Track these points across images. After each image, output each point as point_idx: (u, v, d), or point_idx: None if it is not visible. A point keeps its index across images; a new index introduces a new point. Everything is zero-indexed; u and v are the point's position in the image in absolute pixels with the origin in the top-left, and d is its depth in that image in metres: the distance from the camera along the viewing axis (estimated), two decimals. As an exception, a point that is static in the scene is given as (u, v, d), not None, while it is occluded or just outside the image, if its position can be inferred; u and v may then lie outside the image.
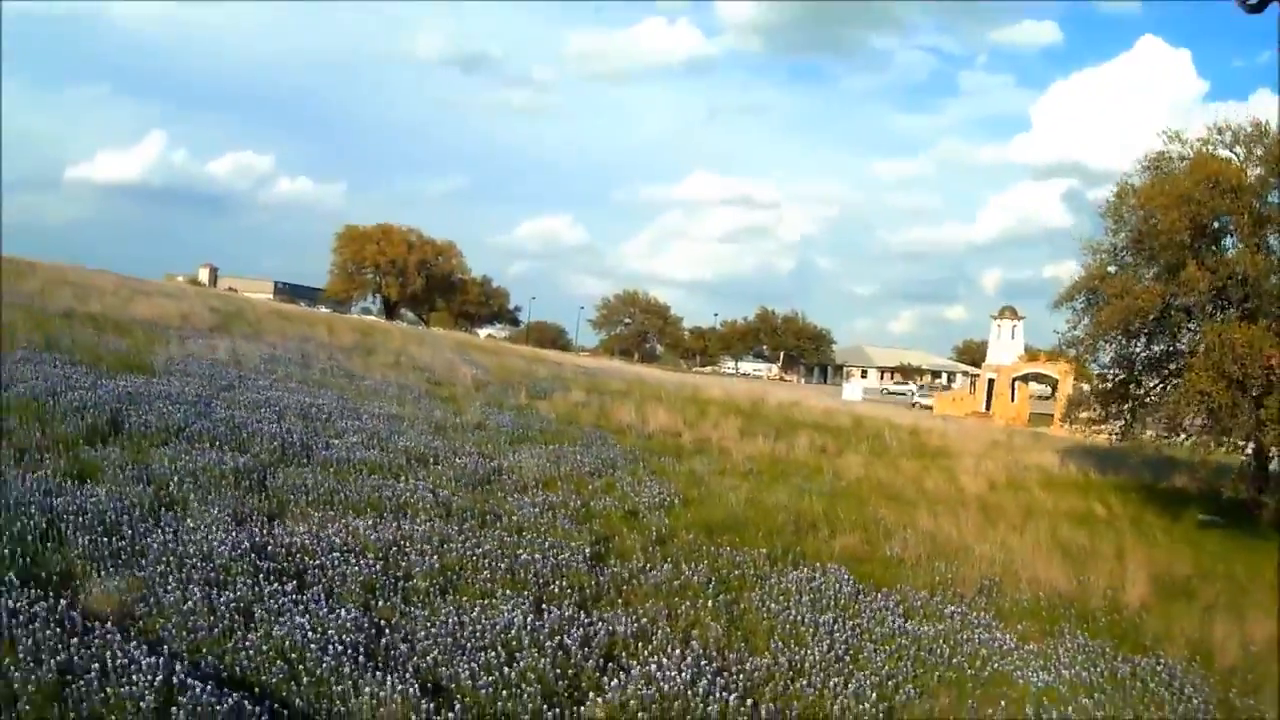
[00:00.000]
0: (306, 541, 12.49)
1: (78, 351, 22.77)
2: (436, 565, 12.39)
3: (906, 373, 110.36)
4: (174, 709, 7.62)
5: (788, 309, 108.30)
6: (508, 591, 11.87)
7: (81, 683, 7.74)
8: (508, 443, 22.00)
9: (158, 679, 7.91)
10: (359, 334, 42.96)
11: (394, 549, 12.78)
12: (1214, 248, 28.61)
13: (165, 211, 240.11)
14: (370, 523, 13.76)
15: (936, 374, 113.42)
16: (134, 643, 8.54)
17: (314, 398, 23.05)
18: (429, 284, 74.28)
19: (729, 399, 40.60)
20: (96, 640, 8.46)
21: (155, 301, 37.67)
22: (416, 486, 16.32)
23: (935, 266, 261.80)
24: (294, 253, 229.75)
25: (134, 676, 7.89)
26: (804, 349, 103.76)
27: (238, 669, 8.77)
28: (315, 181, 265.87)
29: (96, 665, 8.07)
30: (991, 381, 75.03)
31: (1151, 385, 31.45)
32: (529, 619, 10.75)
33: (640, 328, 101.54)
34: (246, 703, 7.92)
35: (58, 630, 8.47)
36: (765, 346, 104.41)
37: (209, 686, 7.91)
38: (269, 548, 12.01)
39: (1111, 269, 30.44)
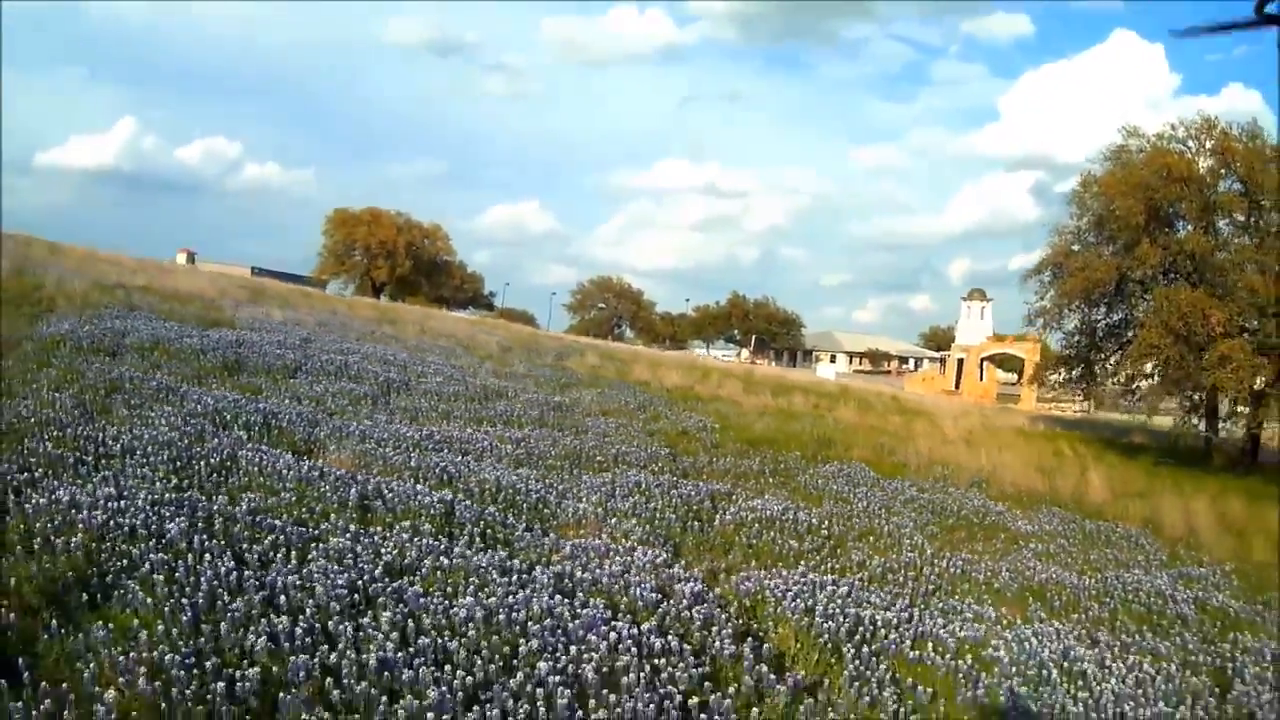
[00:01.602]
0: (458, 435, 16.53)
1: (158, 312, 26.09)
2: (561, 452, 16.48)
3: (875, 358, 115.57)
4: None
5: (759, 295, 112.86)
6: (621, 467, 16.00)
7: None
8: (558, 387, 26.10)
9: (422, 499, 11.96)
10: (375, 310, 46.68)
11: (522, 442, 16.80)
12: (1166, 230, 33.16)
13: (137, 197, 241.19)
14: (497, 429, 17.83)
15: (904, 359, 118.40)
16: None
17: (380, 349, 26.92)
18: (417, 266, 78.22)
19: (724, 367, 44.91)
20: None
21: (182, 277, 41.11)
22: (511, 408, 20.44)
23: (903, 256, 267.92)
24: (265, 238, 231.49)
25: (418, 499, 11.65)
26: (774, 333, 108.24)
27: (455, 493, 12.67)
28: (284, 167, 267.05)
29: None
30: (961, 361, 79.48)
31: (1111, 350, 36.14)
32: (652, 480, 14.86)
33: (613, 312, 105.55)
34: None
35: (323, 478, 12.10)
36: (736, 331, 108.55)
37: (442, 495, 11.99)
38: (435, 436, 16.00)
39: (1075, 248, 35.13)
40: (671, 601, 8.61)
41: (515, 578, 8.40)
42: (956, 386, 76.00)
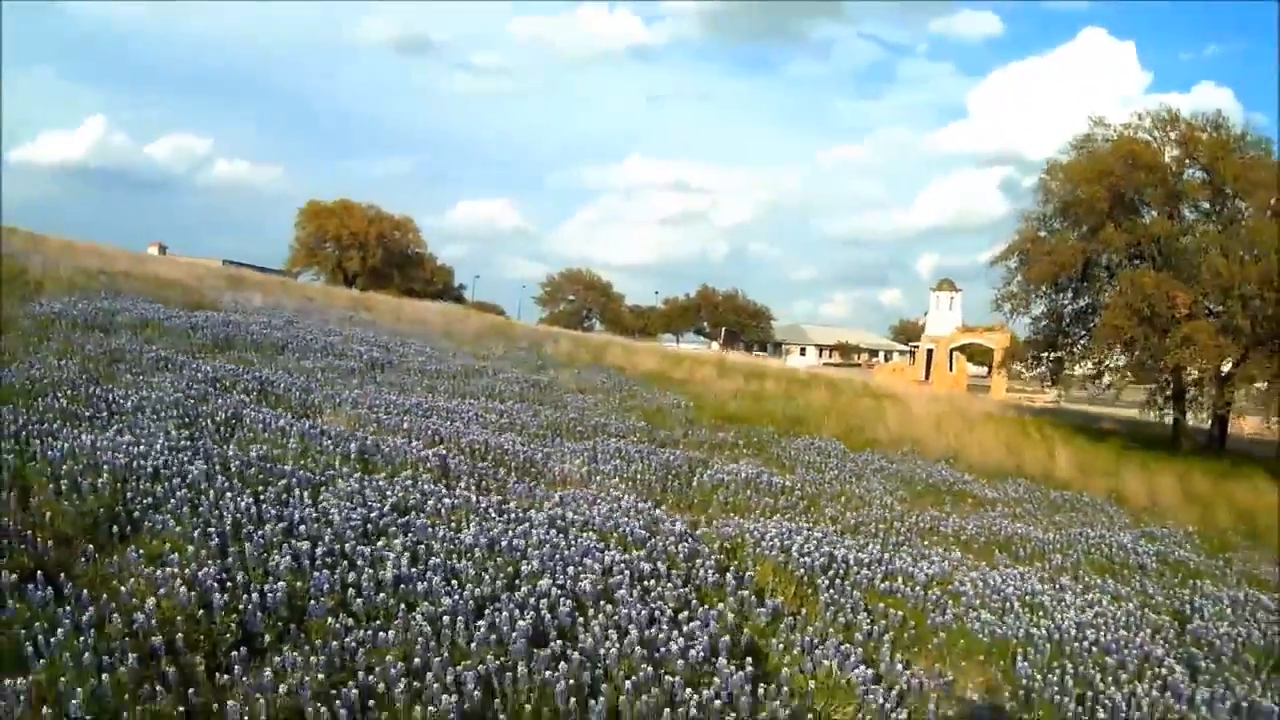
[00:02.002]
0: (444, 405, 17.09)
1: (143, 295, 26.49)
2: (542, 423, 17.08)
3: (845, 350, 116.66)
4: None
5: (728, 288, 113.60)
6: (601, 436, 16.61)
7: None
8: (535, 368, 26.67)
9: (418, 453, 12.54)
10: (350, 299, 47.02)
11: (505, 414, 17.39)
12: (1132, 216, 34.07)
13: (107, 193, 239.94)
14: (480, 402, 18.39)
15: (874, 352, 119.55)
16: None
17: (360, 332, 27.41)
18: (388, 258, 78.54)
19: (696, 355, 45.58)
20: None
21: (160, 265, 41.41)
22: (492, 384, 21.01)
23: (872, 251, 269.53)
24: (235, 233, 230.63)
25: (415, 453, 12.22)
26: (744, 326, 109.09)
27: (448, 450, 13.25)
28: (253, 164, 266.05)
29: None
30: (930, 352, 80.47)
31: (1078, 336, 36.99)
32: (632, 448, 15.48)
33: (583, 304, 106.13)
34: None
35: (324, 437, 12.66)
36: (706, 324, 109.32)
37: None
38: (423, 405, 16.54)
39: (1042, 234, 36.00)
40: (658, 538, 9.25)
41: (513, 516, 9.02)
42: (926, 377, 76.69)
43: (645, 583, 7.76)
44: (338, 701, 5.32)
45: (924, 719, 6.66)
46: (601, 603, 7.08)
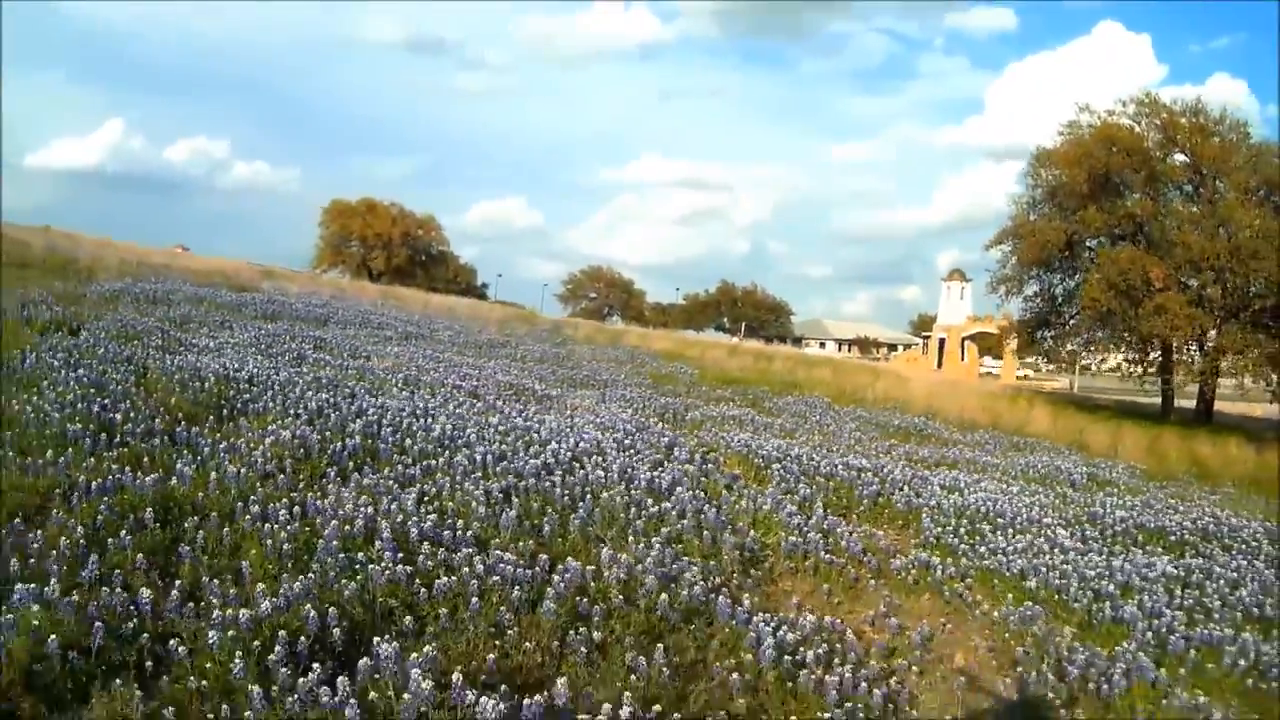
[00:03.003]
0: (472, 363, 19.55)
1: (189, 280, 28.95)
2: (559, 377, 19.53)
3: (863, 345, 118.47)
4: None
5: (748, 283, 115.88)
6: (610, 388, 19.04)
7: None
8: (555, 344, 29.16)
9: (453, 384, 14.99)
10: (379, 290, 49.59)
11: (525, 372, 19.83)
12: (1114, 197, 36.18)
13: (126, 196, 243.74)
14: (504, 363, 20.85)
15: (893, 346, 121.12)
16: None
17: (393, 313, 29.93)
18: (412, 256, 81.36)
19: (711, 340, 47.98)
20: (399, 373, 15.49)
21: (192, 260, 44.01)
22: (515, 353, 23.50)
23: (891, 248, 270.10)
24: (255, 233, 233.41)
25: (450, 384, 14.71)
26: (763, 320, 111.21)
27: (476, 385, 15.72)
28: (272, 166, 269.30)
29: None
30: (942, 341, 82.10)
31: (1070, 314, 39.17)
32: (636, 394, 17.91)
33: (604, 301, 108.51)
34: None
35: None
36: (726, 319, 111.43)
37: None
38: (454, 362, 18.99)
39: (1031, 217, 38.19)
40: (645, 433, 11.68)
41: (530, 416, 11.48)
42: (939, 366, 78.49)
43: (630, 450, 10.18)
44: (400, 501, 7.71)
45: (838, 543, 8.99)
46: (594, 456, 9.51)
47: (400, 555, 6.30)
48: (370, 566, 6.07)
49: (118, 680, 4.63)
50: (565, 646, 5.60)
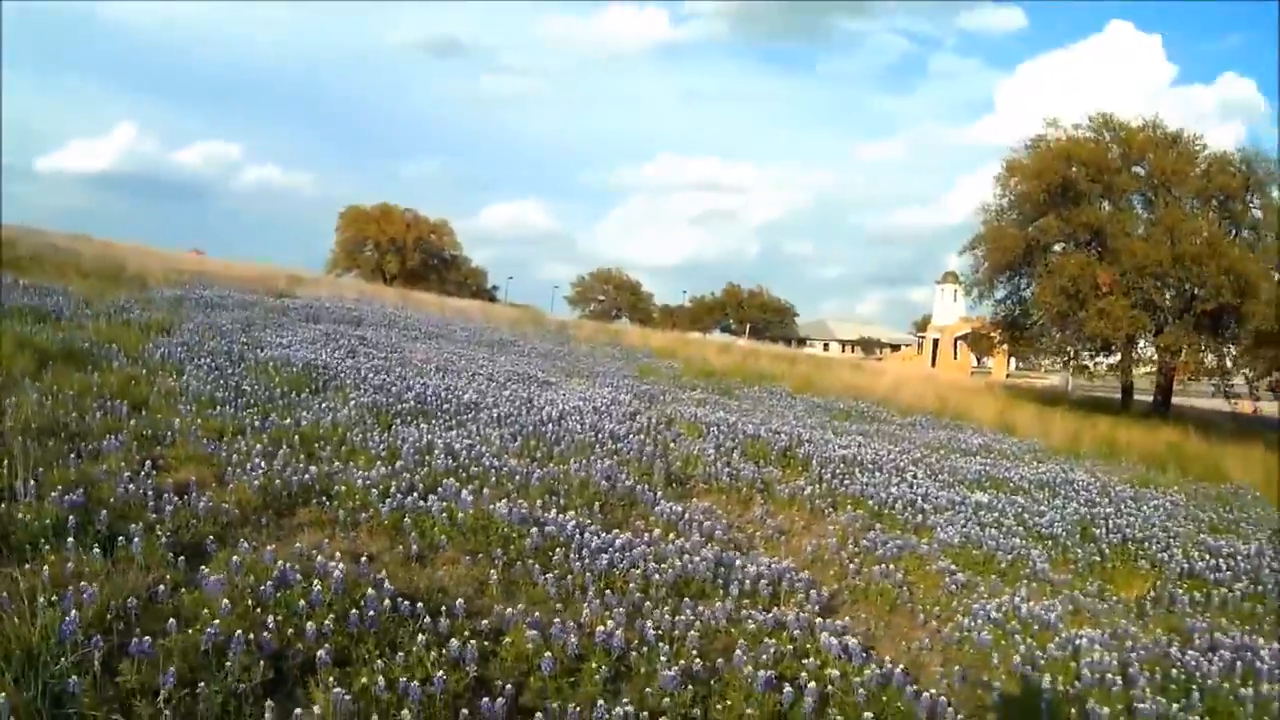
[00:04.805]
0: (484, 357, 24.00)
1: (231, 286, 33.26)
2: (559, 369, 23.97)
3: (867, 345, 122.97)
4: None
5: (754, 285, 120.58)
6: (600, 377, 23.46)
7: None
8: (559, 342, 33.64)
9: (475, 369, 19.47)
10: (397, 294, 54.10)
11: (530, 365, 24.25)
12: (1073, 206, 40.48)
13: (139, 199, 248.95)
14: (512, 358, 25.32)
15: (895, 346, 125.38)
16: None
17: (414, 315, 34.38)
18: (425, 260, 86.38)
19: (710, 339, 52.38)
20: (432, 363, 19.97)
21: (218, 266, 48.43)
22: (522, 349, 27.98)
23: (904, 248, 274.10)
24: (269, 237, 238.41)
25: (473, 368, 19.20)
26: (769, 322, 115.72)
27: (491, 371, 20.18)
28: (284, 169, 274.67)
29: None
30: (936, 341, 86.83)
31: (1036, 318, 43.55)
32: (620, 381, 22.33)
33: (613, 303, 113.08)
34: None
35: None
36: (731, 321, 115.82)
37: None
38: (471, 356, 23.45)
39: (998, 224, 42.61)
40: (616, 406, 16.17)
41: (533, 393, 15.98)
42: (933, 364, 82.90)
43: (604, 414, 14.69)
44: (445, 435, 12.13)
45: (739, 473, 13.38)
46: (574, 417, 14.03)
47: (450, 460, 10.76)
48: (431, 459, 10.56)
49: (312, 501, 9.02)
50: (543, 506, 9.95)
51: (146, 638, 5.47)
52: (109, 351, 14.30)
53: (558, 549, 8.38)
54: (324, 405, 12.95)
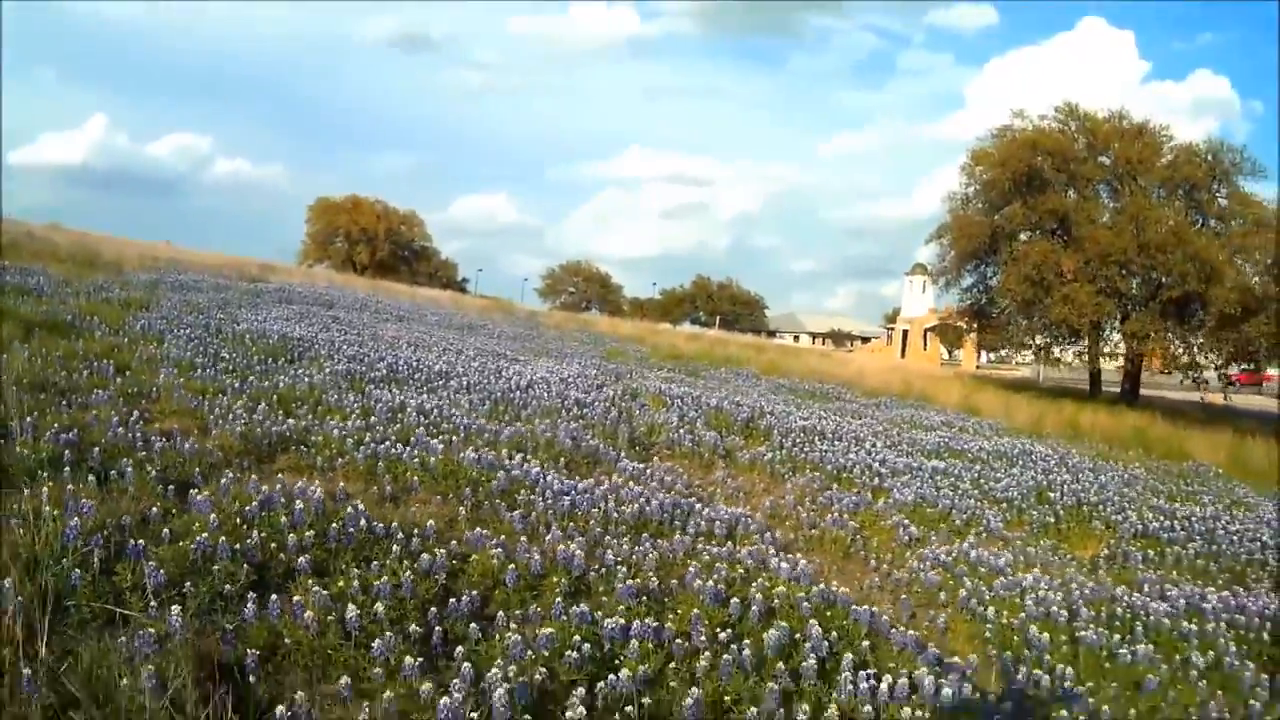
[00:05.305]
0: (455, 338, 24.44)
1: (205, 271, 33.61)
2: (527, 349, 24.42)
3: (837, 338, 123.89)
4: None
5: (724, 278, 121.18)
6: (569, 359, 23.94)
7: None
8: (529, 327, 34.09)
9: (447, 347, 19.93)
10: (367, 284, 54.42)
11: (499, 346, 24.70)
12: (1039, 195, 41.21)
13: (109, 193, 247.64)
14: (481, 340, 25.75)
15: (865, 339, 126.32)
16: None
17: (385, 301, 34.77)
18: (395, 251, 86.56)
19: (678, 330, 52.93)
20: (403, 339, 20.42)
21: (190, 255, 48.68)
22: (491, 332, 28.42)
23: (873, 243, 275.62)
24: (238, 229, 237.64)
25: (445, 346, 19.66)
26: (739, 314, 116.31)
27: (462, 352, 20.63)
28: (253, 163, 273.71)
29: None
30: (905, 333, 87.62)
31: (1003, 306, 44.28)
32: (589, 361, 22.81)
33: (582, 296, 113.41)
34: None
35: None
36: (702, 313, 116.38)
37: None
38: (449, 340, 23.88)
39: (964, 213, 43.31)
40: (584, 379, 16.66)
41: (502, 368, 16.45)
42: (902, 355, 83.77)
43: (570, 385, 15.18)
44: (415, 403, 12.59)
45: (700, 439, 13.88)
46: (541, 386, 14.51)
47: (421, 418, 11.23)
48: (404, 417, 11.04)
49: (291, 449, 9.46)
50: (509, 457, 10.40)
51: (140, 541, 5.96)
52: (91, 323, 14.72)
53: (523, 490, 8.89)
54: (300, 372, 13.37)
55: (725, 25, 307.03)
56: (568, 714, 4.98)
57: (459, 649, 5.61)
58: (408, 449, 9.45)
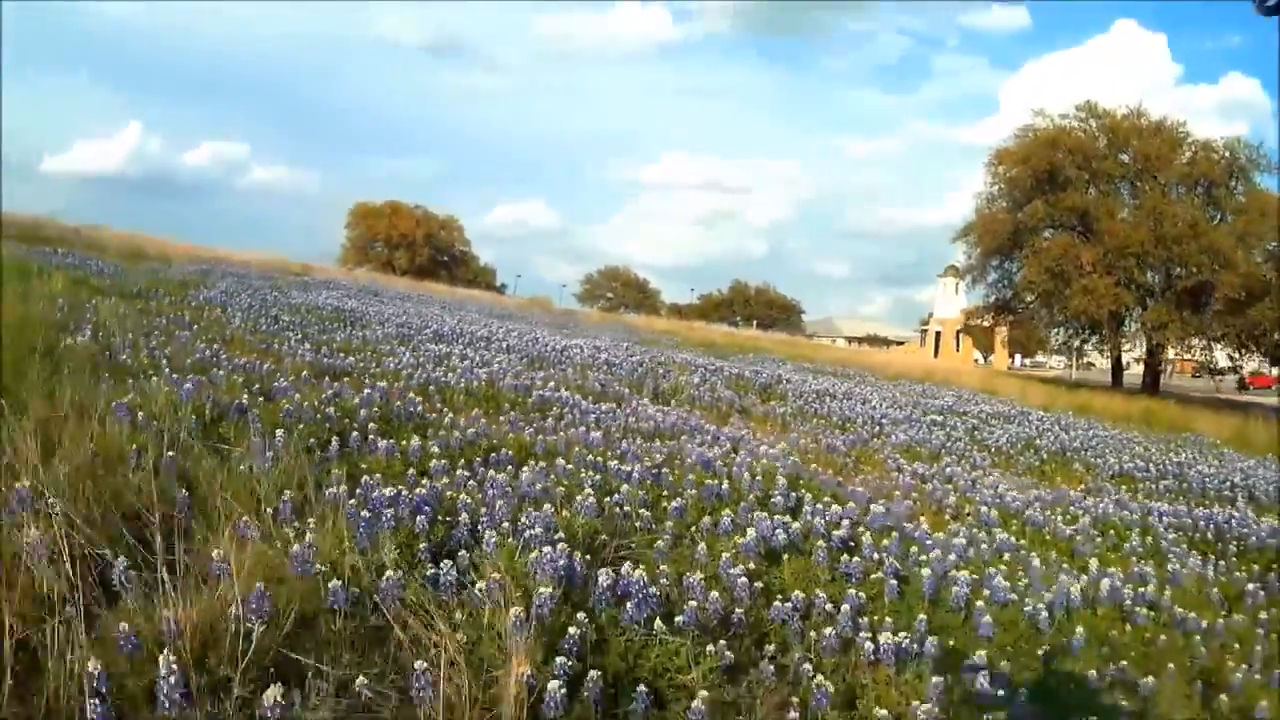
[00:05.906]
0: (496, 326, 25.83)
1: (251, 269, 35.20)
2: (565, 334, 25.78)
3: (873, 341, 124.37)
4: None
5: (760, 282, 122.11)
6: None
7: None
8: (565, 322, 35.48)
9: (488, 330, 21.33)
10: (408, 284, 55.99)
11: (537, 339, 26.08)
12: (1060, 191, 42.27)
13: (145, 199, 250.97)
14: (527, 325, 27.14)
15: (901, 343, 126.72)
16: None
17: (430, 296, 36.24)
18: (434, 256, 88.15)
19: (709, 327, 54.25)
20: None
21: (234, 256, 50.41)
22: (533, 320, 29.85)
23: (907, 247, 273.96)
24: (276, 235, 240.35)
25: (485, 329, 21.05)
26: (776, 318, 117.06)
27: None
28: (290, 168, 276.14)
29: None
30: (938, 334, 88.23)
31: (1026, 300, 45.34)
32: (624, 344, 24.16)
33: (620, 301, 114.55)
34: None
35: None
36: (739, 317, 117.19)
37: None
38: (483, 323, 25.27)
39: (988, 211, 44.45)
40: (617, 349, 18.00)
41: (539, 335, 17.83)
42: (935, 356, 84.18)
43: (603, 350, 16.54)
44: (459, 352, 13.96)
45: (719, 396, 15.17)
46: (576, 350, 15.88)
47: (469, 365, 12.61)
48: (449, 362, 12.42)
49: (356, 377, 10.85)
50: (543, 387, 11.76)
51: (240, 400, 7.41)
52: (156, 293, 16.18)
53: (554, 407, 10.22)
54: (354, 333, 14.80)
55: (756, 28, 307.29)
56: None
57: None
58: (455, 376, 10.81)
